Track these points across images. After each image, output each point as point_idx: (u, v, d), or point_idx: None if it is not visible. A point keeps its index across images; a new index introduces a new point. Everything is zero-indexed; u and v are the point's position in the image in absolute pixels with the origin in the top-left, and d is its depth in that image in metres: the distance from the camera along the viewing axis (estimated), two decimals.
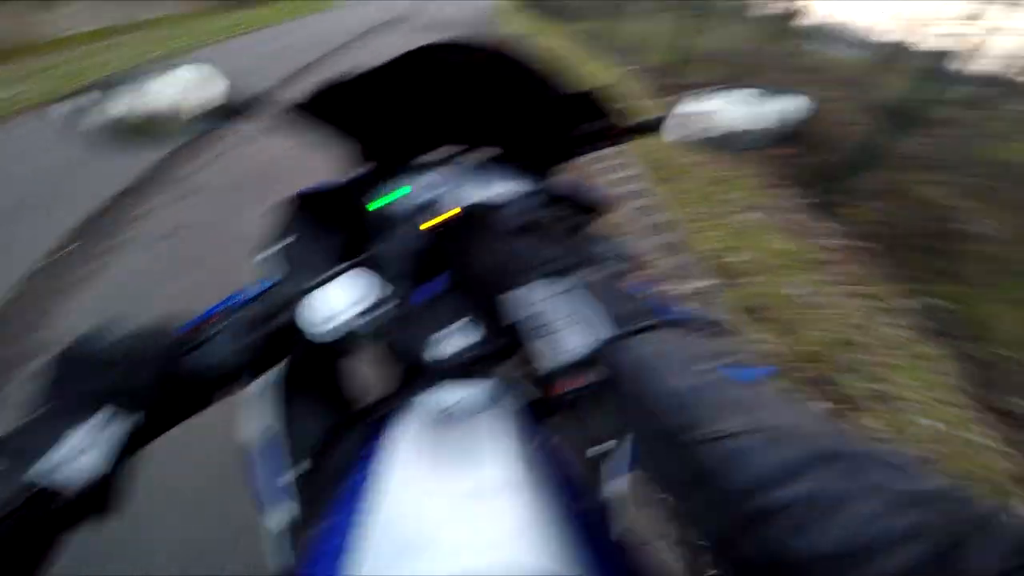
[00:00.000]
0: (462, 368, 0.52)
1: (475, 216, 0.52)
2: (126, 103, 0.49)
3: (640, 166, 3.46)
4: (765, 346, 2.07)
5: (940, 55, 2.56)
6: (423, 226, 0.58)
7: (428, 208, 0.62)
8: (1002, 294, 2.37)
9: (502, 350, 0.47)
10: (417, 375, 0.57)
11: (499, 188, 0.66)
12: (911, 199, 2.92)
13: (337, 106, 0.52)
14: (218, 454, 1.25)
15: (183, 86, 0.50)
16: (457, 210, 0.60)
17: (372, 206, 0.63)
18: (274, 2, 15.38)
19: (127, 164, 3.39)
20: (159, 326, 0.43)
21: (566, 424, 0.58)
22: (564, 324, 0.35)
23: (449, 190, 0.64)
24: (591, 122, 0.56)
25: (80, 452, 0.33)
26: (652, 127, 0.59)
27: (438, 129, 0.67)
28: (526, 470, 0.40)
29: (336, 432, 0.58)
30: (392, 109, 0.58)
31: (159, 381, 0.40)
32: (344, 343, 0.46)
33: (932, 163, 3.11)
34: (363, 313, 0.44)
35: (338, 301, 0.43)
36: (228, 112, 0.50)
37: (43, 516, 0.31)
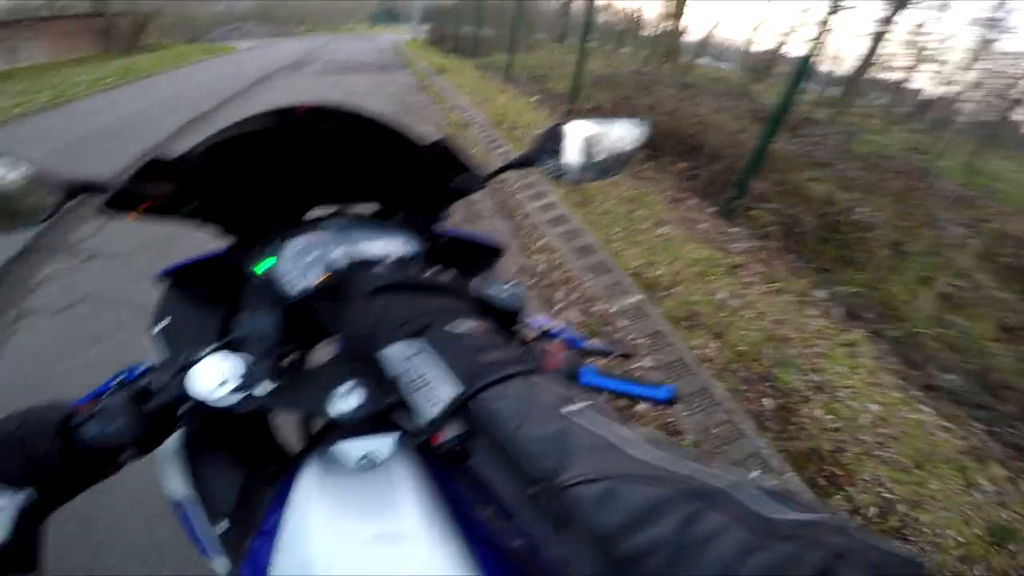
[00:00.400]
0: (362, 422, 0.55)
1: (347, 278, 0.53)
2: None
3: (558, 192, 3.55)
4: (699, 352, 2.12)
5: (805, 60, 2.88)
6: (298, 291, 0.60)
7: (305, 272, 0.63)
8: (901, 275, 2.64)
9: (396, 403, 0.50)
10: (321, 431, 0.60)
11: (377, 246, 0.66)
12: (800, 196, 3.23)
13: (173, 182, 0.51)
14: None
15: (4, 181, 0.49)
16: (328, 275, 0.62)
17: (254, 270, 0.64)
18: (158, 49, 14.31)
19: None
20: (52, 404, 0.46)
21: (468, 473, 0.58)
22: (427, 380, 0.37)
23: (324, 252, 0.65)
24: (451, 171, 0.58)
25: None
26: (521, 164, 0.61)
27: (302, 192, 0.68)
28: (432, 517, 0.41)
29: (249, 489, 0.60)
30: (239, 177, 0.58)
31: (53, 455, 0.42)
32: (236, 411, 0.48)
33: (811, 161, 3.47)
34: (238, 388, 0.46)
35: (215, 377, 0.45)
36: (42, 205, 0.49)
37: None
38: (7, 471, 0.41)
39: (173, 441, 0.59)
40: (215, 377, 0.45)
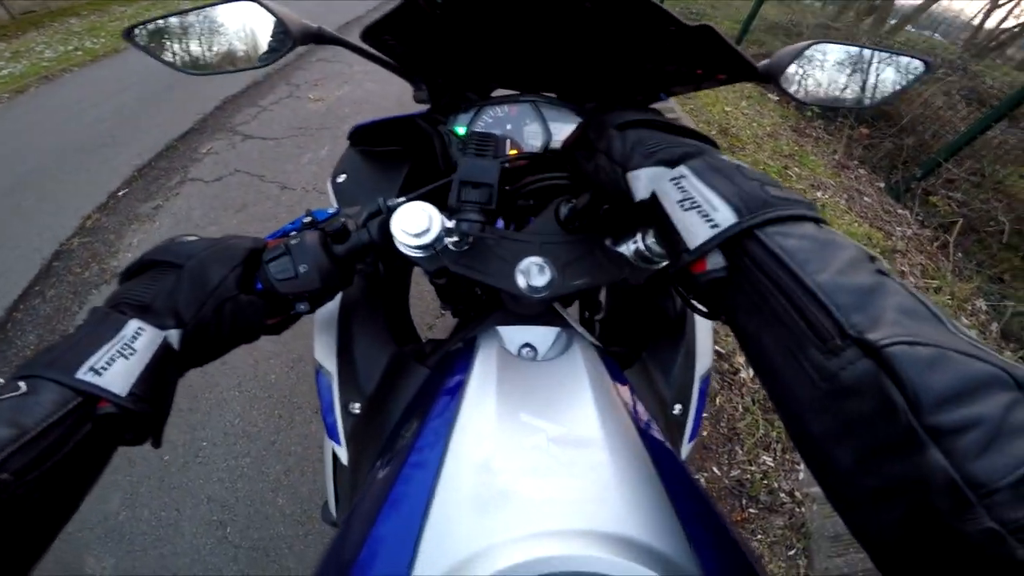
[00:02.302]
0: (543, 306, 0.54)
1: (592, 117, 0.48)
2: (181, 40, 0.52)
3: (705, 131, 3.42)
4: None
5: None
6: (501, 160, 0.57)
7: (500, 143, 0.63)
8: None
9: (584, 287, 0.49)
10: (493, 310, 0.59)
11: (568, 129, 0.64)
12: (1001, 193, 2.80)
13: (408, 32, 0.49)
14: None
15: (234, 23, 0.51)
16: (519, 152, 0.62)
17: (454, 130, 0.65)
18: None
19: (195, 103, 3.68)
20: (246, 237, 0.46)
21: (644, 376, 0.64)
22: (697, 202, 0.32)
23: (520, 125, 0.66)
24: (701, 61, 0.52)
25: (113, 363, 0.33)
26: (765, 76, 0.54)
27: (511, 61, 0.64)
28: (609, 423, 0.39)
29: (396, 366, 0.60)
30: (469, 37, 0.55)
31: (228, 286, 0.41)
32: (410, 268, 0.49)
33: None
34: (434, 242, 0.44)
35: (420, 222, 0.44)
36: (284, 44, 0.48)
37: (85, 428, 0.31)
38: (166, 303, 0.39)
39: (330, 306, 0.61)
40: (421, 222, 0.43)
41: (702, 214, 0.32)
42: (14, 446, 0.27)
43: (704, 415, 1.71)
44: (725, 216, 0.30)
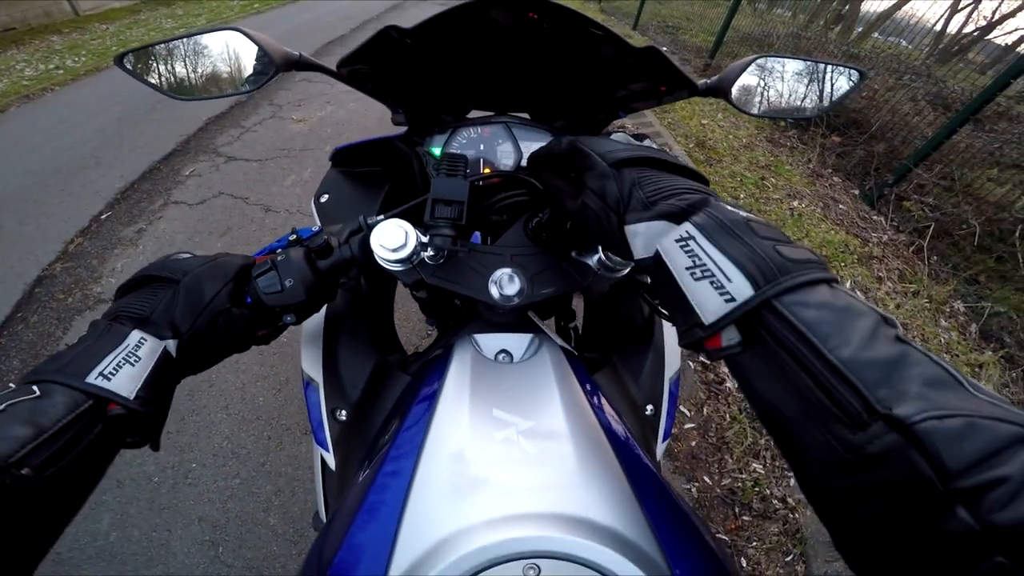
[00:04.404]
0: (517, 314, 0.58)
1: (578, 151, 0.43)
2: (168, 66, 0.54)
3: (681, 147, 3.49)
4: None
5: (1012, 48, 2.49)
6: (472, 179, 0.59)
7: (473, 163, 0.66)
8: None
9: (553, 295, 0.52)
10: (469, 319, 0.63)
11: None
12: (970, 195, 2.90)
13: (381, 61, 0.53)
14: None
15: (218, 50, 0.53)
16: (493, 170, 0.64)
17: (431, 151, 0.68)
18: None
19: (177, 124, 3.66)
20: (235, 255, 0.48)
21: (615, 379, 0.66)
22: (709, 271, 0.30)
23: (495, 146, 0.70)
24: (651, 79, 0.55)
25: (120, 369, 0.36)
26: (715, 90, 0.56)
27: (484, 85, 0.68)
28: (574, 418, 0.42)
29: (380, 374, 0.63)
30: (441, 64, 0.59)
31: (221, 300, 0.43)
32: (393, 283, 0.50)
33: (996, 160, 3.06)
34: (411, 256, 0.47)
35: (397, 237, 0.46)
36: (267, 70, 0.51)
37: (96, 428, 0.34)
38: (163, 316, 0.41)
39: (316, 319, 0.64)
40: (397, 237, 0.46)
41: (715, 285, 0.29)
42: (33, 444, 0.30)
43: (692, 426, 1.75)
44: (740, 288, 0.28)
